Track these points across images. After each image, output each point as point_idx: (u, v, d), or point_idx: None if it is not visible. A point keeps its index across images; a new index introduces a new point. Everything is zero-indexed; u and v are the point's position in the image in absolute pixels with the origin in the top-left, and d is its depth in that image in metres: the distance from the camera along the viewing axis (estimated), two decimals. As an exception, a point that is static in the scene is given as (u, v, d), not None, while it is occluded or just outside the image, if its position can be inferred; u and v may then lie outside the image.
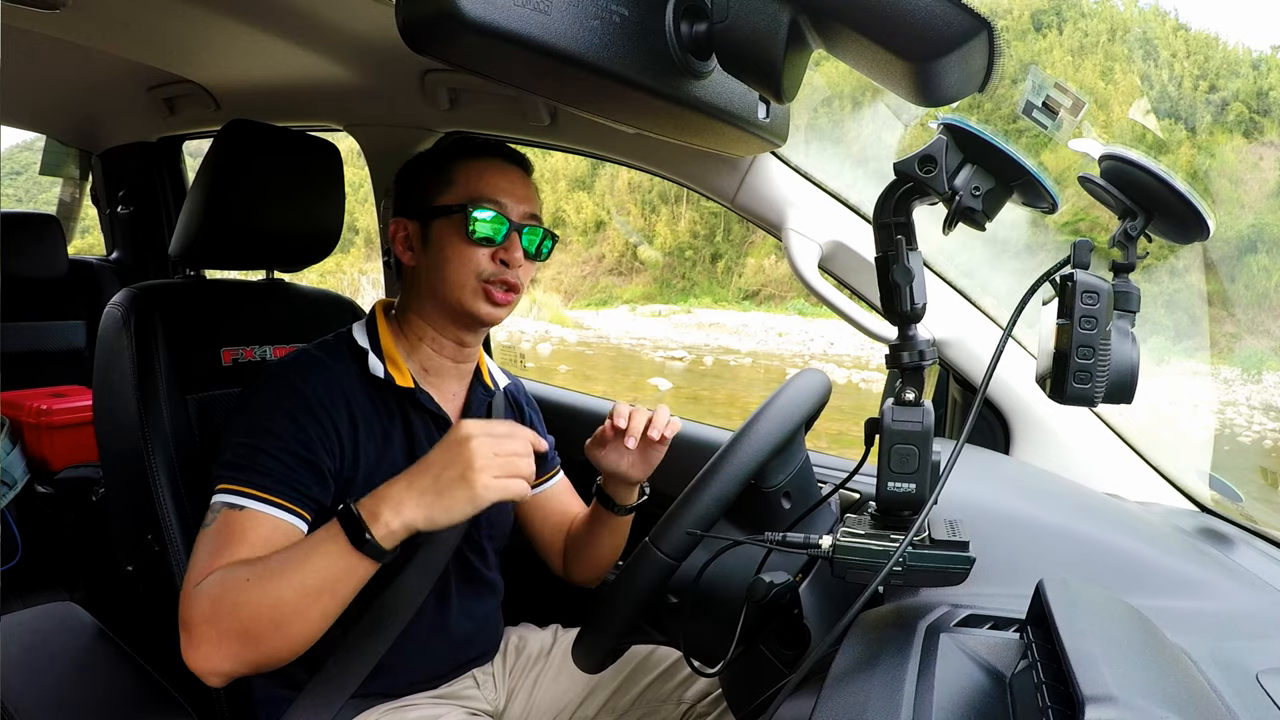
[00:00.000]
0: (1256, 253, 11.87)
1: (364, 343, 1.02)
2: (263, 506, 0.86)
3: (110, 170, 2.35)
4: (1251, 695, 0.57)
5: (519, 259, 0.99)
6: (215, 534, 0.85)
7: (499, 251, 0.99)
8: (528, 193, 1.03)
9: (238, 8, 1.27)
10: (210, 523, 0.86)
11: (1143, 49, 21.93)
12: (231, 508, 0.86)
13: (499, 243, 0.98)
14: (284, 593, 0.78)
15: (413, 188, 1.04)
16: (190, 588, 0.81)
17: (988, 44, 0.51)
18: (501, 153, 1.05)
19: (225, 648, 0.79)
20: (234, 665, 0.80)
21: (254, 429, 0.90)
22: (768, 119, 0.89)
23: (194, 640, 0.79)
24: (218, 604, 0.79)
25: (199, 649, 0.79)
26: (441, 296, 1.00)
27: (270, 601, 0.78)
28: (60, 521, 1.98)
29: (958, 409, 1.23)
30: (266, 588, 0.78)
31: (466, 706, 1.08)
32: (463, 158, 1.02)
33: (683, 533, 0.75)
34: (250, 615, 0.78)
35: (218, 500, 0.87)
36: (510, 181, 1.01)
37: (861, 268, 1.14)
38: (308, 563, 0.79)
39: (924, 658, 0.56)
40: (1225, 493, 1.07)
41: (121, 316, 1.10)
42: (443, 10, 0.51)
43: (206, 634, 0.79)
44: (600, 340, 15.64)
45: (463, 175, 1.00)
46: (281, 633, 0.79)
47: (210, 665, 0.79)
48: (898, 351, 0.65)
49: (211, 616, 0.79)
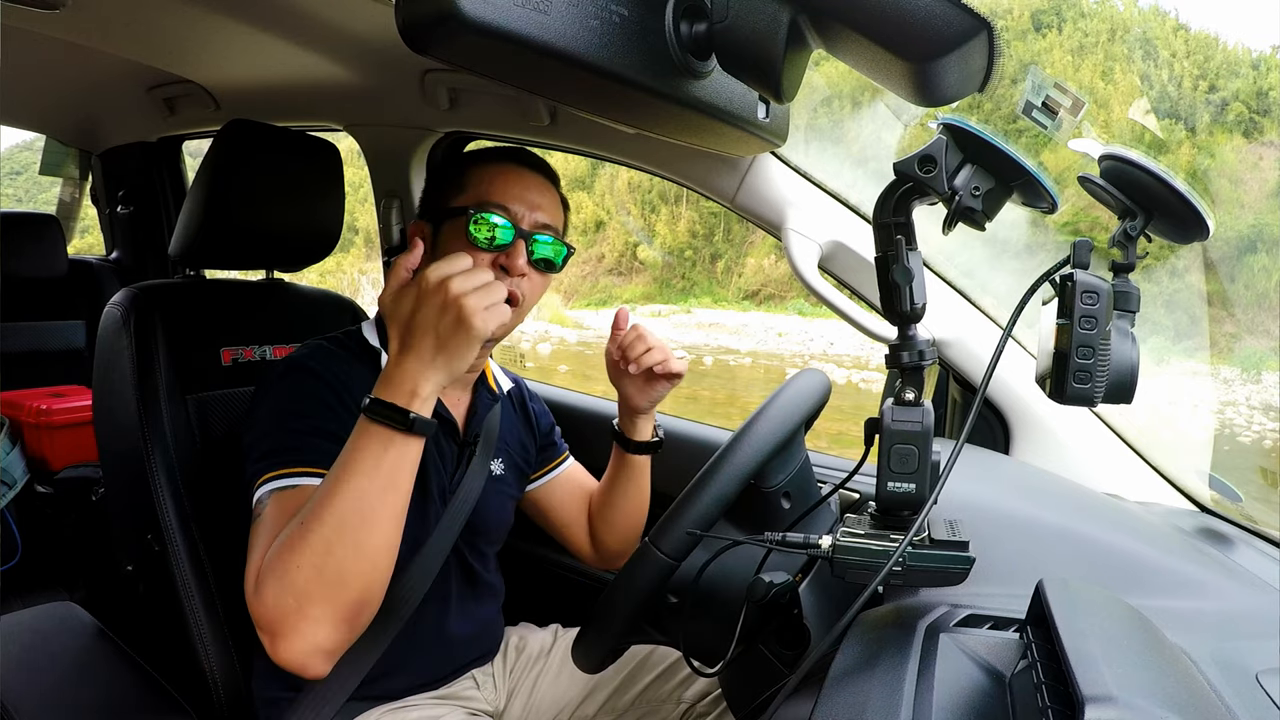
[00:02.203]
0: (1256, 253, 11.87)
1: (375, 343, 1.01)
2: (313, 480, 0.84)
3: (110, 170, 2.35)
4: (1251, 695, 0.57)
5: (521, 266, 0.95)
6: (269, 520, 0.82)
7: (501, 258, 0.95)
8: (544, 200, 1.00)
9: (238, 8, 1.27)
10: (260, 514, 0.83)
11: (1143, 49, 21.92)
12: (281, 490, 0.84)
13: (501, 249, 0.95)
14: (347, 515, 0.75)
15: (431, 190, 1.04)
16: (252, 582, 0.77)
17: (988, 44, 0.51)
18: (520, 158, 1.02)
19: (315, 612, 0.74)
20: (330, 630, 0.75)
21: (284, 415, 0.89)
22: (767, 119, 0.89)
23: (282, 630, 0.74)
24: (285, 574, 0.74)
25: (290, 637, 0.74)
26: None
27: (337, 532, 0.74)
28: (60, 521, 1.98)
29: (958, 409, 1.23)
30: (328, 519, 0.74)
31: (466, 707, 1.08)
32: (481, 162, 1.00)
33: (682, 532, 0.75)
34: (327, 559, 0.74)
35: (262, 492, 0.84)
36: (524, 188, 0.98)
37: (861, 268, 1.14)
38: (358, 472, 0.76)
39: (924, 658, 0.56)
40: (1225, 493, 1.07)
41: (121, 316, 1.10)
42: (443, 10, 0.51)
43: (291, 613, 0.74)
44: (600, 340, 15.58)
45: (475, 179, 0.98)
46: (363, 554, 0.75)
47: (310, 645, 0.74)
48: (898, 351, 0.65)
49: (289, 589, 0.74)
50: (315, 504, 0.76)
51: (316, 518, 0.75)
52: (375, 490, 0.76)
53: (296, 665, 0.75)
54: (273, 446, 0.87)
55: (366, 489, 0.76)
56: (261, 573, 0.77)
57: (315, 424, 0.88)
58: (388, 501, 0.77)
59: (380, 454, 0.77)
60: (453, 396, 1.07)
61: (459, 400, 1.08)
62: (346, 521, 0.75)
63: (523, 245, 0.96)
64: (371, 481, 0.76)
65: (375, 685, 0.99)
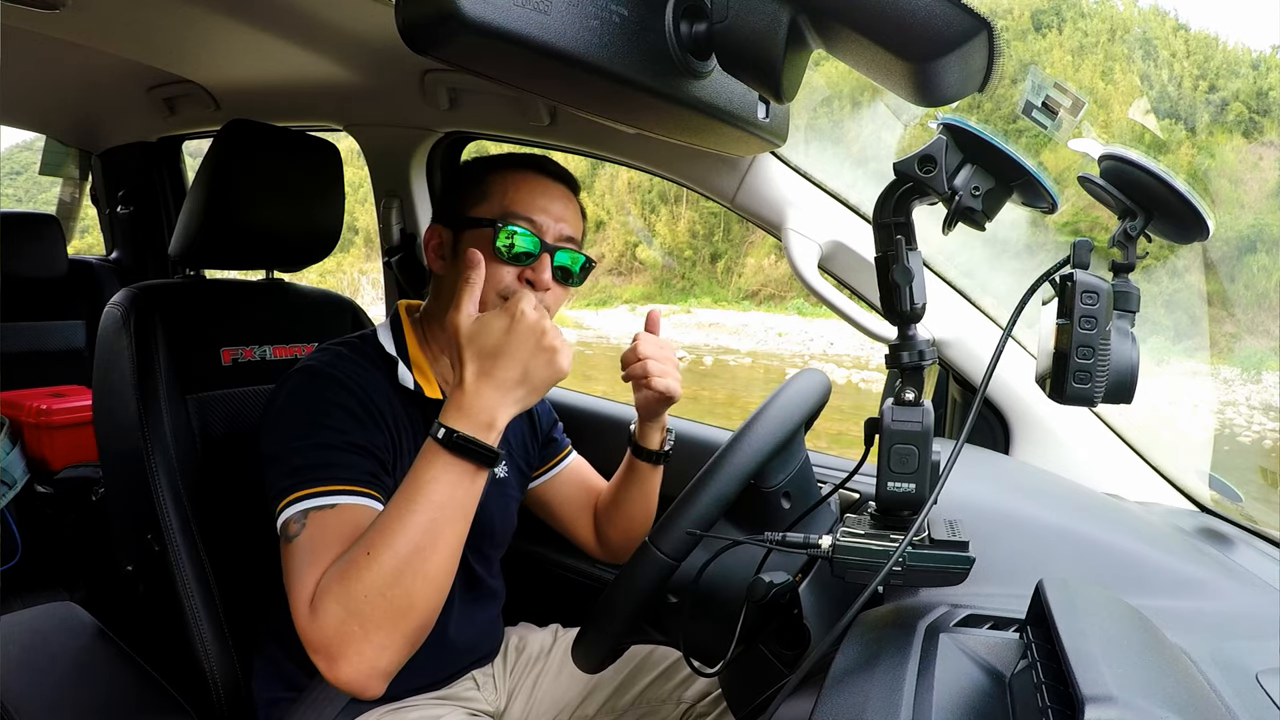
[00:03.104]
0: (1256, 253, 11.87)
1: (392, 350, 0.99)
2: (353, 499, 0.83)
3: (110, 170, 2.35)
4: (1251, 695, 0.57)
5: (547, 281, 0.94)
6: (312, 541, 0.80)
7: (527, 272, 0.94)
8: (567, 212, 0.99)
9: (238, 8, 1.27)
10: (297, 534, 0.81)
11: (1143, 49, 21.93)
12: (320, 509, 0.81)
13: (529, 263, 0.94)
14: (418, 544, 0.74)
15: (451, 195, 1.02)
16: (306, 606, 0.76)
17: (987, 44, 0.51)
18: (545, 168, 1.00)
19: (378, 638, 0.73)
20: (393, 654, 0.75)
21: (311, 427, 0.86)
22: (767, 119, 0.89)
23: (344, 654, 0.73)
24: (351, 598, 0.73)
25: (353, 661, 0.73)
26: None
27: (404, 556, 0.74)
28: (60, 521, 1.98)
29: (958, 409, 1.23)
30: (395, 544, 0.74)
31: (467, 707, 1.08)
32: (503, 169, 0.99)
33: (682, 532, 0.75)
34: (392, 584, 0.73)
35: (294, 511, 0.82)
36: (549, 199, 0.97)
37: (861, 268, 1.14)
38: (431, 503, 0.75)
39: (924, 658, 0.56)
40: (1225, 493, 1.07)
41: (121, 316, 1.10)
42: (443, 10, 0.51)
43: (353, 638, 0.73)
44: (600, 340, 15.63)
45: (499, 188, 0.97)
46: (426, 578, 0.75)
47: (371, 668, 0.74)
48: (897, 351, 0.65)
49: (351, 613, 0.73)
50: (382, 530, 0.75)
51: (386, 545, 0.74)
52: (446, 519, 0.76)
53: (356, 687, 0.74)
54: (303, 463, 0.84)
55: (438, 519, 0.76)
56: (318, 597, 0.75)
57: (346, 438, 0.86)
58: (457, 530, 0.77)
59: (455, 485, 0.77)
60: None
61: None
62: (417, 551, 0.75)
63: (548, 259, 0.95)
64: (443, 512, 0.76)
65: (375, 686, 0.99)
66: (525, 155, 1.02)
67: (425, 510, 0.75)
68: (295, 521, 0.82)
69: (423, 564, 0.75)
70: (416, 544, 0.75)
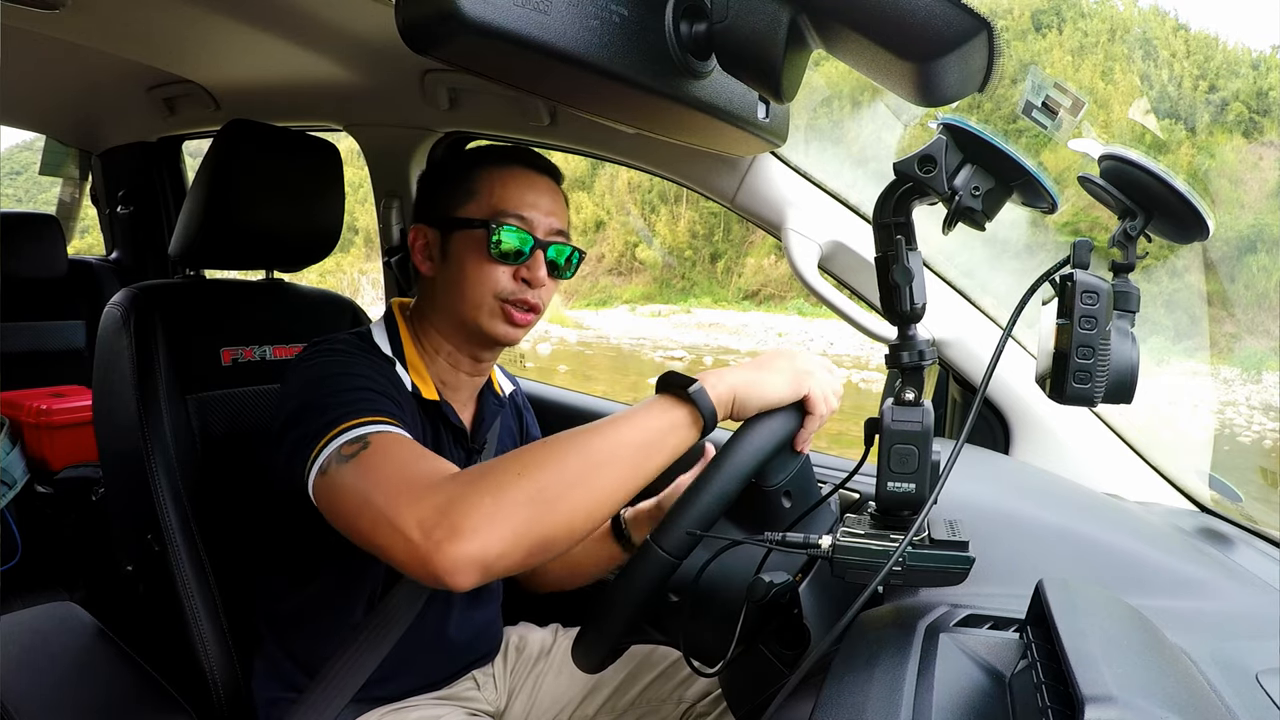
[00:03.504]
0: (1256, 253, 11.87)
1: (388, 350, 0.98)
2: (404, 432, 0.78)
3: (110, 170, 2.35)
4: (1251, 695, 0.57)
5: (542, 278, 0.94)
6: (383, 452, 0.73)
7: (521, 270, 0.94)
8: (555, 205, 0.98)
9: (238, 8, 1.27)
10: (357, 451, 0.73)
11: (1143, 49, 21.93)
12: (379, 433, 0.75)
13: (522, 261, 0.94)
14: (594, 450, 0.69)
15: (434, 194, 1.00)
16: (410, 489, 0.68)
17: (988, 44, 0.51)
18: (529, 161, 0.99)
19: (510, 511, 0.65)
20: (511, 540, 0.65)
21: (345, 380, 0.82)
22: (767, 119, 0.89)
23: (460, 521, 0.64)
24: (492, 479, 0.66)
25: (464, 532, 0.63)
26: (458, 313, 0.96)
27: (577, 457, 0.69)
28: (60, 521, 1.98)
29: (958, 409, 1.23)
30: (568, 449, 0.69)
31: (467, 707, 1.08)
32: (488, 165, 0.97)
33: (684, 531, 0.75)
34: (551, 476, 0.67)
35: (349, 436, 0.74)
36: (538, 194, 0.96)
37: (861, 268, 1.14)
38: (630, 422, 0.72)
39: (924, 658, 0.56)
40: (1225, 493, 1.07)
41: (121, 316, 1.10)
42: (443, 10, 0.51)
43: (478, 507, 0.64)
44: (600, 340, 15.65)
45: (486, 186, 0.96)
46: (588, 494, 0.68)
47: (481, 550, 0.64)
48: (897, 351, 0.65)
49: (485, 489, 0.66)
50: (561, 439, 0.71)
51: (557, 442, 0.70)
52: (631, 444, 0.71)
53: (449, 569, 0.64)
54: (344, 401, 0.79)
55: (626, 439, 0.71)
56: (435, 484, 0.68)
57: (378, 388, 0.83)
58: (635, 463, 0.71)
59: (658, 415, 0.73)
60: (460, 401, 1.06)
61: (465, 404, 1.07)
62: (591, 455, 0.69)
63: (541, 256, 0.95)
64: (634, 434, 0.71)
65: (376, 687, 0.99)
66: (508, 148, 1.01)
67: (616, 428, 0.71)
68: (350, 444, 0.74)
69: (590, 472, 0.68)
70: (592, 449, 0.69)
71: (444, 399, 1.00)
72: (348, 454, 0.73)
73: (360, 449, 0.74)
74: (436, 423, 1.00)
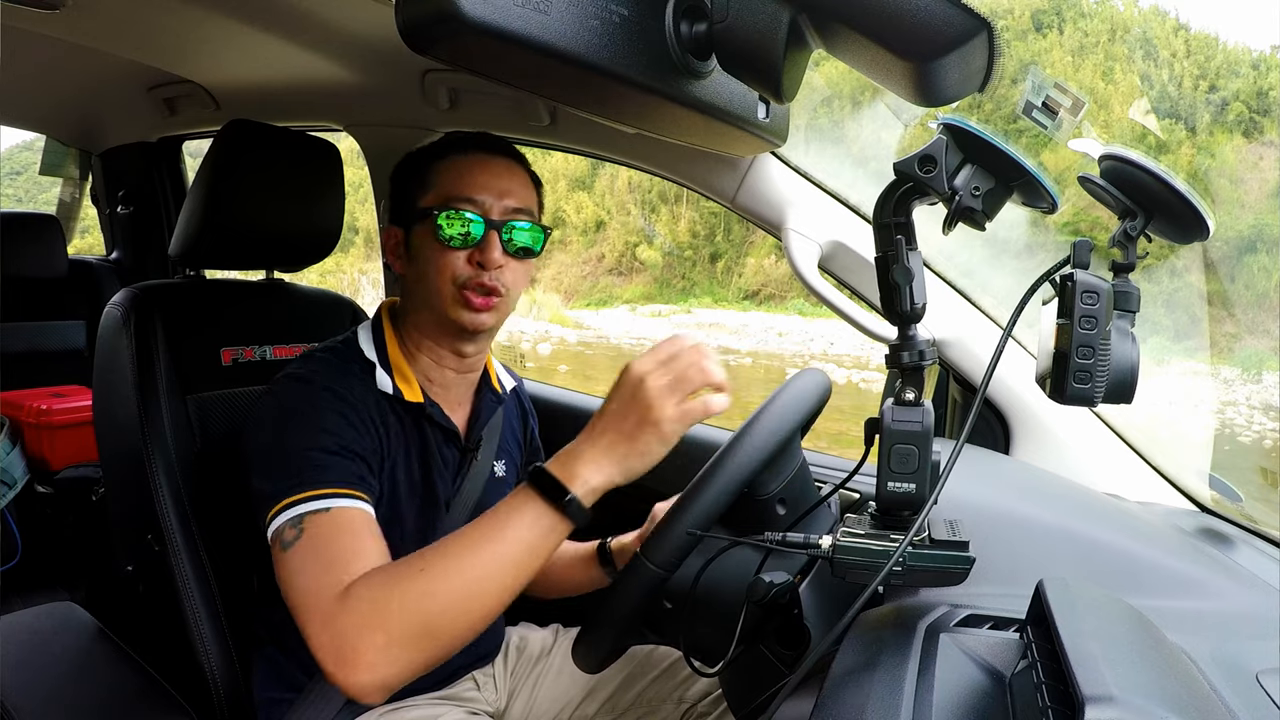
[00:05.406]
0: (1256, 253, 11.87)
1: (371, 355, 0.98)
2: (345, 501, 0.81)
3: (110, 170, 2.35)
4: (1251, 695, 0.57)
5: (496, 260, 0.93)
6: (312, 545, 0.78)
7: (475, 253, 0.93)
8: (513, 185, 0.97)
9: (238, 8, 1.27)
10: (294, 540, 0.79)
11: (1143, 49, 21.93)
12: (316, 512, 0.80)
13: (474, 244, 0.93)
14: (476, 571, 0.73)
15: (399, 193, 1.01)
16: (315, 608, 0.73)
17: (988, 44, 0.51)
18: (482, 145, 0.98)
19: (399, 652, 0.71)
20: (405, 670, 0.71)
21: (302, 433, 0.85)
22: (768, 119, 0.89)
23: (355, 656, 0.70)
24: (384, 608, 0.71)
25: (361, 665, 0.70)
26: (426, 306, 0.97)
27: (460, 585, 0.72)
28: (60, 521, 1.98)
29: (958, 409, 1.23)
30: (453, 571, 0.73)
31: (467, 707, 1.08)
32: (441, 155, 0.97)
33: (673, 544, 0.74)
34: (434, 606, 0.72)
35: (290, 515, 0.80)
36: (491, 175, 0.95)
37: (861, 268, 1.14)
38: (503, 534, 0.74)
39: (924, 658, 0.56)
40: (1225, 493, 1.07)
41: (121, 316, 1.10)
42: (443, 10, 0.51)
43: (372, 645, 0.70)
44: (600, 340, 15.64)
45: (438, 176, 0.96)
46: (469, 616, 0.73)
47: (382, 682, 0.71)
48: (898, 351, 0.65)
49: (377, 624, 0.71)
50: (443, 552, 0.75)
51: (443, 570, 0.73)
52: (512, 560, 0.74)
53: (357, 693, 0.71)
54: (296, 467, 0.83)
55: (505, 558, 0.74)
56: (346, 597, 0.73)
57: (333, 440, 0.85)
58: (519, 574, 0.75)
59: (530, 524, 0.75)
60: (454, 399, 1.05)
61: (461, 402, 1.07)
62: (475, 581, 0.73)
63: (495, 236, 0.93)
64: (516, 550, 0.75)
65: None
66: (462, 135, 1.00)
67: (489, 545, 0.74)
68: (290, 527, 0.80)
69: (472, 595, 0.73)
70: (470, 578, 0.73)
71: (431, 399, 1.00)
72: (288, 539, 0.79)
73: (296, 537, 0.79)
74: (421, 425, 0.99)
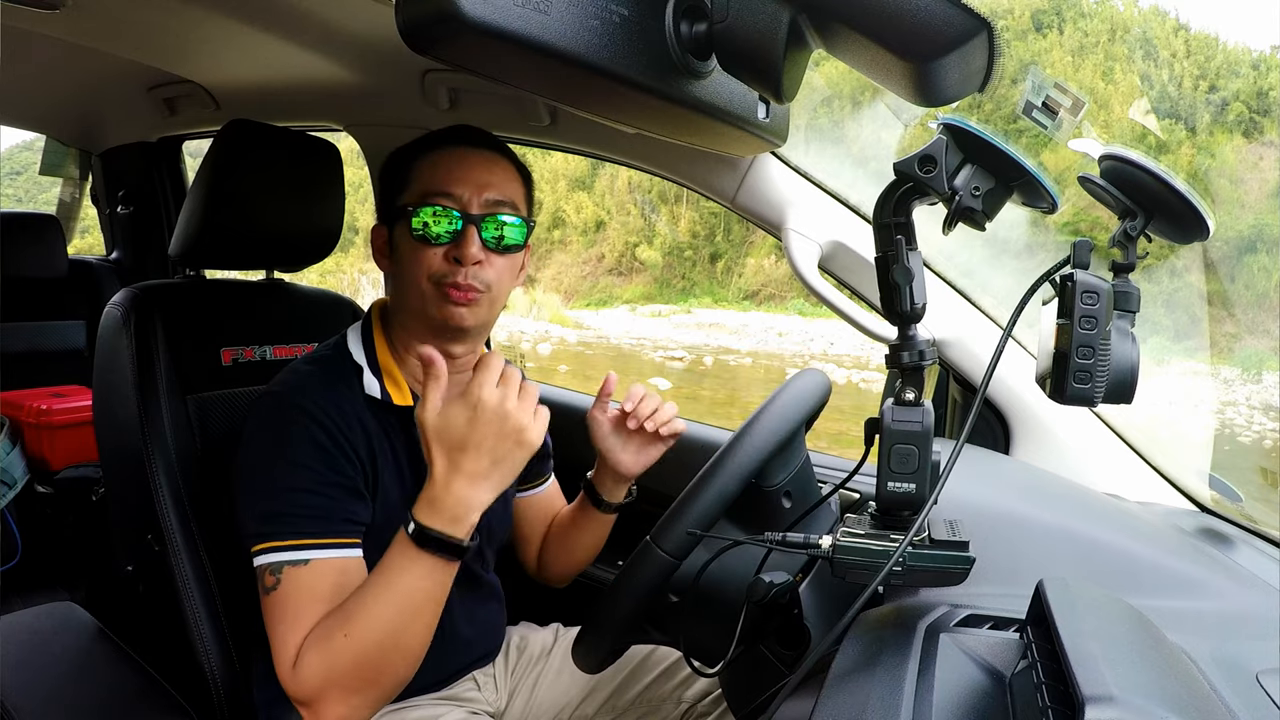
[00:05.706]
0: (1256, 253, 11.87)
1: (360, 358, 0.97)
2: (325, 553, 0.85)
3: (110, 170, 2.35)
4: (1251, 695, 0.57)
5: (473, 255, 0.91)
6: (288, 599, 0.83)
7: (452, 249, 0.92)
8: (493, 178, 0.94)
9: (238, 8, 1.27)
10: (274, 586, 0.84)
11: (1143, 49, 21.94)
12: (294, 564, 0.84)
13: (452, 239, 0.92)
14: (391, 624, 0.79)
15: (384, 191, 1.01)
16: (289, 665, 0.82)
17: (988, 44, 0.51)
18: (462, 138, 0.97)
19: (355, 700, 0.81)
20: (369, 709, 0.83)
21: (284, 468, 0.86)
22: (768, 119, 0.89)
23: (324, 709, 0.81)
24: (331, 669, 0.80)
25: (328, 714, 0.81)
26: (409, 304, 0.96)
27: (383, 636, 0.79)
28: (60, 521, 1.98)
29: (958, 409, 1.23)
30: (373, 626, 0.79)
31: (467, 707, 1.08)
32: (421, 151, 0.96)
33: (684, 531, 0.75)
34: (367, 661, 0.79)
35: (272, 560, 0.84)
36: (469, 168, 0.94)
37: (861, 268, 1.14)
38: (401, 586, 0.80)
39: (924, 658, 0.56)
40: (1225, 493, 1.07)
41: (121, 316, 1.10)
42: (443, 10, 0.51)
43: (332, 700, 0.80)
44: (600, 340, 15.64)
45: (417, 172, 0.95)
46: (401, 653, 0.81)
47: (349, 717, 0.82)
48: (898, 351, 0.65)
49: (331, 682, 0.80)
50: (356, 615, 0.80)
51: (361, 628, 0.79)
52: (416, 607, 0.80)
53: None
54: (278, 508, 0.86)
55: (407, 607, 0.80)
56: (300, 660, 0.81)
57: (319, 476, 0.87)
58: (428, 616, 0.82)
59: (425, 577, 0.80)
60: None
61: None
62: (389, 634, 0.80)
63: (473, 231, 0.92)
64: (412, 599, 0.80)
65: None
66: (443, 130, 0.98)
67: (396, 599, 0.80)
68: (271, 573, 0.84)
69: (395, 644, 0.80)
70: (388, 628, 0.79)
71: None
72: (268, 585, 0.85)
73: (274, 585, 0.84)
74: (412, 428, 0.98)
